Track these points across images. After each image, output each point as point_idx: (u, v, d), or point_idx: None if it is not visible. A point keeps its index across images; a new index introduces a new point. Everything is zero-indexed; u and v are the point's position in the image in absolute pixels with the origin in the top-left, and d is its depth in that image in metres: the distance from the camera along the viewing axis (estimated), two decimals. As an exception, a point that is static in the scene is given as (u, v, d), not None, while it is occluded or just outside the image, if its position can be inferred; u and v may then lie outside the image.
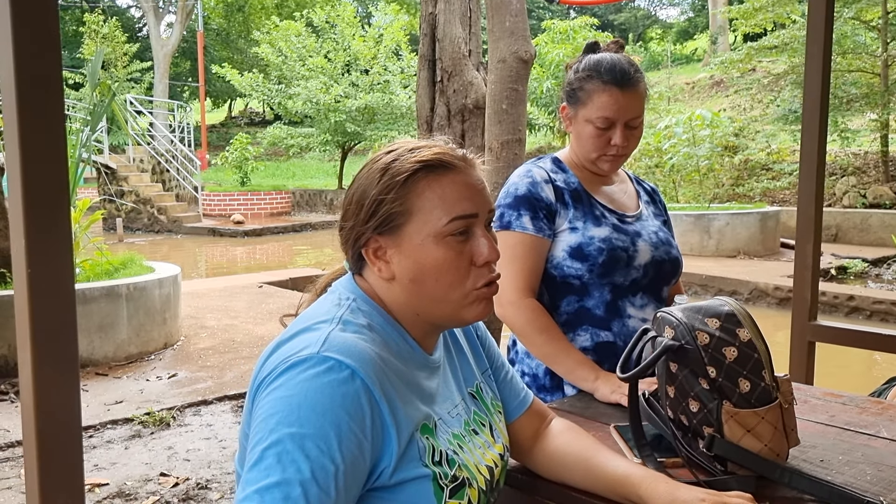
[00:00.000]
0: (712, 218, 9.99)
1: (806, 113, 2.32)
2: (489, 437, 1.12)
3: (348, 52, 17.97)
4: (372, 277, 1.06)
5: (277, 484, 0.82)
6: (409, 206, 1.00)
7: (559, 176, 1.74)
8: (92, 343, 5.15)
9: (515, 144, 2.80)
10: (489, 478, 1.05)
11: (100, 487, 3.30)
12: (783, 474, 1.11)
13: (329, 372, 0.88)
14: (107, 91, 6.77)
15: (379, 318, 1.03)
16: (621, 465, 1.13)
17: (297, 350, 0.92)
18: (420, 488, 0.94)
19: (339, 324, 0.98)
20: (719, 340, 1.15)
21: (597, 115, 1.65)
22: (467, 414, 1.10)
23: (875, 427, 1.40)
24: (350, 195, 1.05)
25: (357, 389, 0.89)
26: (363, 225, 1.02)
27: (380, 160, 1.04)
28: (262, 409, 0.89)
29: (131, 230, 15.32)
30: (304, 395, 0.87)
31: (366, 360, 0.92)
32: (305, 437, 0.84)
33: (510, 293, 1.66)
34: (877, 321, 7.00)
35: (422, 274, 1.01)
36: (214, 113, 31.35)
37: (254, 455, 0.85)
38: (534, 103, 13.51)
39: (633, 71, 1.66)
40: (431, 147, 1.04)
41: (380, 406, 0.91)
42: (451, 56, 3.27)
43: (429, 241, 1.00)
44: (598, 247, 1.65)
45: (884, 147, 12.32)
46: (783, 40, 12.66)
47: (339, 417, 0.86)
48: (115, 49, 22.42)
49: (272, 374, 0.92)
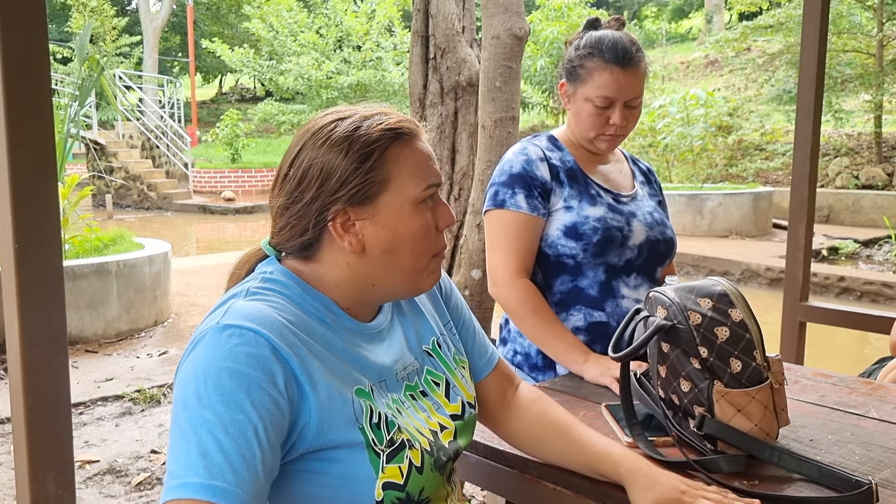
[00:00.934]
0: (705, 198, 10.00)
1: (801, 93, 2.31)
2: (441, 399, 1.10)
3: (340, 28, 17.79)
4: (327, 256, 1.01)
5: (198, 455, 0.80)
6: (385, 174, 0.98)
7: (555, 154, 1.73)
8: (82, 320, 5.13)
9: (509, 122, 2.77)
10: (432, 438, 1.03)
11: (90, 464, 3.30)
12: (773, 454, 1.11)
13: (231, 337, 0.86)
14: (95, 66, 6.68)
15: (296, 288, 0.99)
16: (600, 441, 1.13)
17: (202, 328, 0.91)
18: (354, 456, 0.92)
19: (245, 295, 0.95)
20: (711, 320, 1.15)
21: (597, 93, 1.64)
22: (417, 375, 1.08)
23: (864, 407, 1.41)
24: (303, 166, 0.98)
25: (261, 348, 0.87)
26: (331, 196, 0.97)
27: (336, 128, 0.98)
28: (175, 391, 0.88)
29: (121, 207, 15.22)
30: (208, 365, 0.85)
31: (269, 321, 0.89)
32: (216, 403, 0.82)
33: (504, 273, 1.65)
34: (867, 302, 7.05)
35: (397, 243, 1.00)
36: (205, 89, 31.04)
37: (172, 436, 0.84)
38: (527, 81, 13.43)
39: (634, 50, 1.64)
40: (387, 114, 1.01)
41: (289, 363, 0.88)
42: (445, 32, 3.24)
43: (406, 208, 1.00)
44: (593, 226, 1.64)
45: (877, 128, 12.34)
46: (778, 19, 12.62)
47: (248, 377, 0.84)
48: (104, 23, 22.12)
49: (183, 355, 0.90)
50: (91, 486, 3.10)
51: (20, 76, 0.99)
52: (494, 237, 1.68)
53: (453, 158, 3.30)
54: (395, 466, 0.95)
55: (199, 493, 0.78)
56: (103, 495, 3.02)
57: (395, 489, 0.95)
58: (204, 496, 0.78)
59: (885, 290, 6.99)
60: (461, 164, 3.28)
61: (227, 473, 0.80)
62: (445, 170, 3.27)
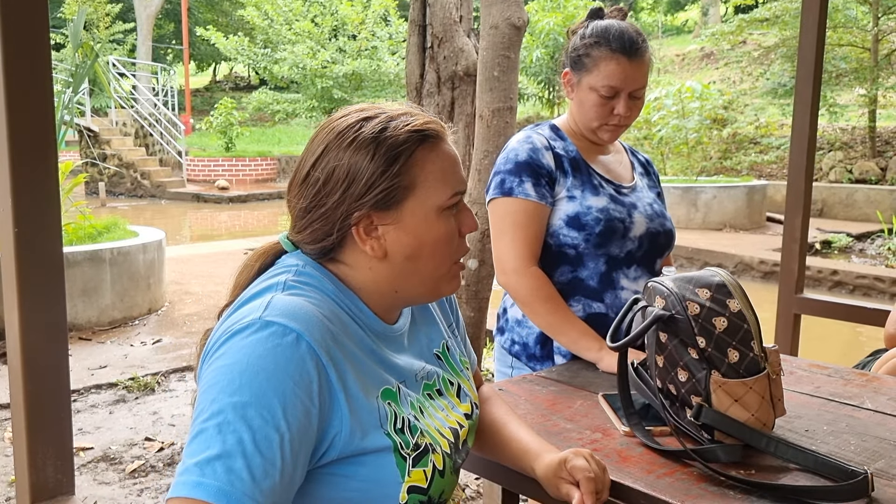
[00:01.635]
0: (699, 191, 10.02)
1: (799, 86, 2.32)
2: (454, 399, 1.10)
3: (336, 17, 17.70)
4: (350, 259, 0.99)
5: (218, 456, 0.78)
6: (411, 179, 0.95)
7: (558, 143, 1.72)
8: (75, 307, 5.12)
9: (506, 112, 2.77)
10: (453, 440, 1.03)
11: (84, 451, 3.30)
12: (769, 443, 1.12)
13: (272, 337, 0.84)
14: (89, 52, 6.63)
15: (330, 285, 0.97)
16: (524, 437, 1.14)
17: (239, 318, 0.88)
18: (381, 460, 0.91)
19: (284, 288, 0.93)
20: (709, 311, 1.16)
21: (602, 83, 1.63)
22: (432, 377, 1.08)
23: (859, 398, 1.42)
24: (327, 167, 0.95)
25: (302, 354, 0.85)
26: (356, 201, 0.94)
27: (362, 129, 0.95)
28: (204, 381, 0.85)
29: (114, 195, 15.14)
30: (245, 362, 0.83)
31: (312, 322, 0.87)
32: (247, 405, 0.80)
33: (513, 261, 1.64)
34: (859, 295, 7.08)
35: (420, 249, 0.97)
36: (199, 77, 30.85)
37: (195, 428, 0.81)
38: (523, 72, 13.41)
39: (640, 40, 1.63)
40: (414, 115, 0.98)
41: (327, 370, 0.87)
42: (442, 22, 3.23)
43: (431, 215, 0.97)
44: (596, 217, 1.64)
45: (871, 122, 12.37)
46: (774, 13, 12.60)
47: (284, 384, 0.82)
48: (97, 9, 21.94)
49: (215, 344, 0.88)
50: (85, 473, 3.10)
51: (21, 63, 0.99)
52: (502, 226, 1.67)
53: (450, 148, 3.30)
54: (420, 470, 0.95)
55: (213, 497, 0.76)
56: (97, 482, 3.02)
57: (419, 493, 0.94)
58: (218, 501, 0.76)
59: (878, 283, 7.03)
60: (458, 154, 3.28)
61: (247, 481, 0.78)
62: (442, 160, 3.27)
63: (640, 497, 1.05)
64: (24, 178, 0.98)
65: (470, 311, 2.86)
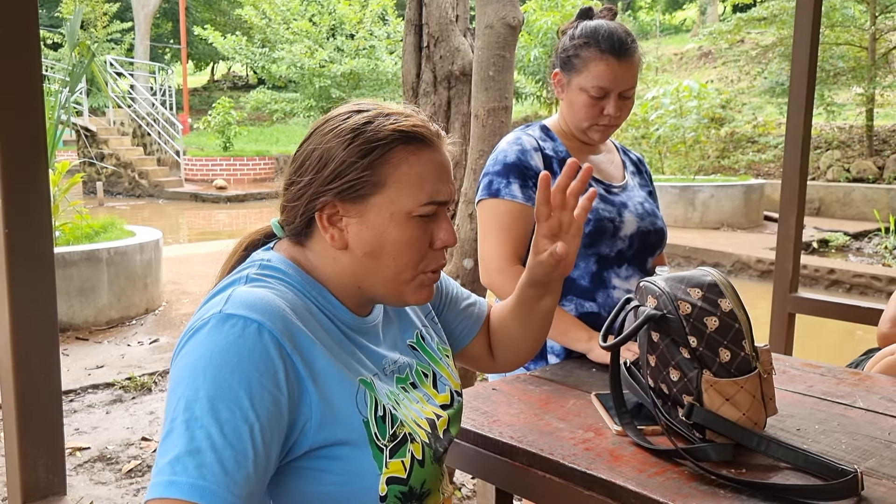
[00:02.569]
0: (697, 190, 10.03)
1: (793, 85, 2.32)
2: (430, 390, 1.09)
3: (333, 16, 17.68)
4: (316, 246, 0.99)
5: (189, 452, 0.78)
6: (382, 176, 0.95)
7: (547, 144, 1.73)
8: (72, 307, 5.12)
9: (502, 112, 2.77)
10: (430, 430, 1.02)
11: (81, 451, 3.30)
12: (760, 442, 1.12)
13: (233, 329, 0.84)
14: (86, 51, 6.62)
15: (296, 278, 0.97)
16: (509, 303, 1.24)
17: (201, 315, 0.88)
18: (357, 453, 0.91)
19: (246, 281, 0.93)
20: (701, 310, 1.16)
21: (592, 83, 1.63)
22: (404, 370, 1.07)
23: (851, 397, 1.43)
24: (307, 149, 0.98)
25: (265, 343, 0.84)
26: (323, 186, 0.95)
27: (349, 119, 0.97)
28: (171, 381, 0.85)
29: (112, 194, 15.13)
30: (208, 357, 0.82)
31: (273, 312, 0.87)
32: (213, 398, 0.80)
33: (497, 261, 1.65)
34: (856, 294, 7.09)
35: (380, 249, 0.96)
36: (196, 76, 30.82)
37: (165, 427, 0.81)
38: (521, 71, 13.40)
39: (630, 41, 1.64)
40: (408, 116, 0.98)
41: (292, 358, 0.87)
42: (438, 21, 3.22)
43: (397, 217, 0.96)
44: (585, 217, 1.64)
45: (869, 121, 12.38)
46: (772, 11, 12.61)
47: (249, 374, 0.82)
48: (95, 8, 21.90)
49: (179, 343, 0.88)
50: (81, 473, 3.10)
51: (10, 63, 0.98)
52: (488, 226, 1.68)
53: (446, 148, 3.30)
54: (399, 461, 0.94)
55: (187, 494, 0.76)
56: (94, 482, 3.02)
57: (399, 483, 0.94)
58: (192, 497, 0.76)
59: (874, 282, 7.04)
60: (454, 154, 3.28)
61: (218, 474, 0.78)
62: (438, 159, 3.27)
63: (631, 496, 1.05)
64: (13, 179, 0.98)
65: (466, 310, 2.87)
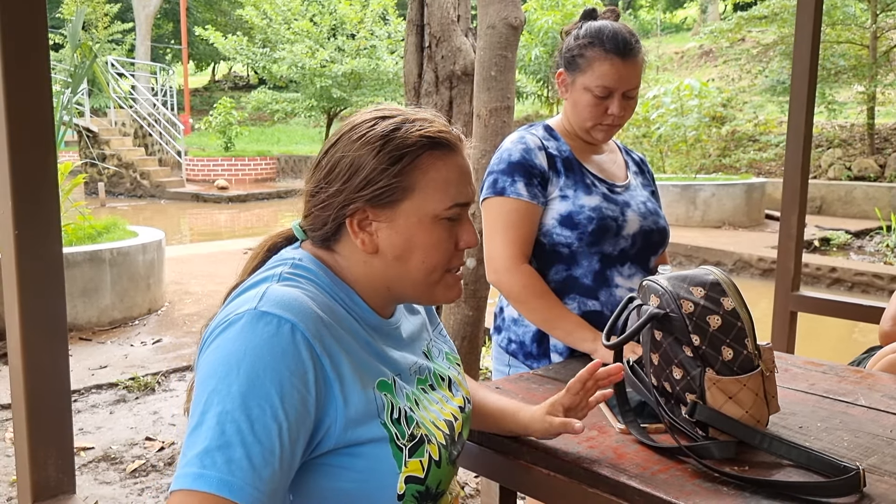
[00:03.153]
0: (698, 189, 10.03)
1: (794, 83, 2.33)
2: (447, 392, 1.12)
3: (334, 16, 17.68)
4: (345, 250, 1.02)
5: (218, 447, 0.79)
6: (411, 182, 0.98)
7: (551, 143, 1.74)
8: (75, 308, 5.13)
9: (504, 112, 2.78)
10: (448, 432, 1.04)
11: (85, 451, 3.32)
12: (763, 440, 1.13)
13: (267, 327, 0.85)
14: (88, 52, 6.63)
15: (325, 278, 1.00)
16: (500, 399, 1.25)
17: (234, 309, 0.89)
18: (378, 451, 0.92)
19: (279, 280, 0.95)
20: (704, 309, 1.17)
21: (596, 83, 1.64)
22: (424, 372, 1.09)
23: (853, 395, 1.43)
24: (335, 157, 0.99)
25: (297, 344, 0.86)
26: (354, 193, 0.97)
27: (375, 125, 0.99)
28: (200, 372, 0.87)
29: (113, 195, 15.14)
30: (242, 353, 0.84)
31: (306, 313, 0.89)
32: (245, 395, 0.81)
33: (505, 260, 1.66)
34: (858, 292, 7.10)
35: (409, 252, 0.99)
36: (198, 76, 30.85)
37: (193, 420, 0.82)
38: (522, 71, 13.40)
39: (634, 41, 1.65)
40: (431, 121, 1.01)
41: (321, 360, 0.88)
42: (440, 21, 3.23)
43: (426, 221, 0.99)
44: (588, 216, 1.66)
45: (870, 119, 12.37)
46: (773, 10, 12.61)
47: (281, 373, 0.84)
48: (96, 9, 21.93)
49: (211, 335, 0.89)
50: (86, 472, 3.11)
51: (20, 65, 0.99)
52: (494, 225, 1.69)
53: (448, 148, 3.31)
54: (417, 460, 0.96)
55: (216, 488, 0.77)
56: (98, 482, 3.04)
57: (416, 482, 0.96)
58: (220, 491, 0.77)
59: (876, 280, 7.04)
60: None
61: (247, 470, 0.79)
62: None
63: (635, 493, 1.06)
64: (24, 181, 0.99)
65: (468, 310, 2.87)
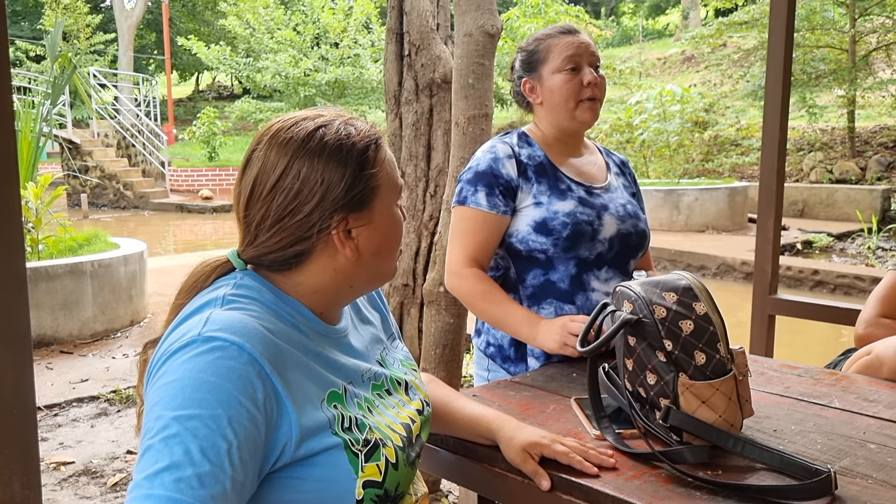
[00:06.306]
0: (682, 193, 10.09)
1: (769, 88, 2.35)
2: (404, 396, 1.12)
3: (317, 25, 17.68)
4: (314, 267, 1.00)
5: (167, 468, 0.78)
6: (378, 178, 1.02)
7: (525, 150, 1.75)
8: (56, 321, 5.08)
9: (482, 119, 2.78)
10: (406, 434, 1.04)
11: (65, 465, 3.28)
12: (736, 444, 1.13)
13: (213, 351, 0.85)
14: (68, 64, 6.60)
15: (269, 295, 0.99)
16: (476, 407, 1.25)
17: (179, 336, 0.88)
18: (333, 459, 0.92)
19: (222, 303, 0.94)
20: (676, 314, 1.17)
21: (562, 59, 1.71)
22: (380, 377, 1.10)
23: (828, 397, 1.44)
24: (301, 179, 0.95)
25: (244, 364, 0.86)
26: (335, 205, 0.97)
27: (325, 138, 0.97)
28: (149, 400, 0.86)
29: (97, 206, 15.04)
30: (188, 377, 0.83)
31: (252, 334, 0.88)
32: (192, 417, 0.81)
33: (456, 264, 1.70)
34: (840, 295, 7.15)
35: (385, 245, 1.04)
36: (181, 87, 30.73)
37: (143, 445, 0.82)
38: (504, 77, 13.44)
39: (576, 27, 1.78)
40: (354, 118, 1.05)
41: (271, 379, 0.88)
42: (419, 30, 3.23)
43: (391, 210, 1.05)
44: (563, 221, 1.66)
45: (850, 123, 12.50)
46: (753, 15, 12.74)
47: (228, 393, 0.83)
48: (77, 20, 21.81)
49: (157, 364, 0.88)
50: (66, 487, 3.07)
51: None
52: (454, 232, 1.74)
53: (429, 156, 3.31)
54: (374, 465, 0.96)
55: None
56: (78, 497, 3.00)
57: (375, 486, 0.96)
58: None
59: (858, 282, 7.10)
60: (437, 161, 3.28)
61: (196, 489, 0.78)
62: (421, 167, 3.27)
63: (608, 500, 1.05)
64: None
65: (449, 317, 2.86)
